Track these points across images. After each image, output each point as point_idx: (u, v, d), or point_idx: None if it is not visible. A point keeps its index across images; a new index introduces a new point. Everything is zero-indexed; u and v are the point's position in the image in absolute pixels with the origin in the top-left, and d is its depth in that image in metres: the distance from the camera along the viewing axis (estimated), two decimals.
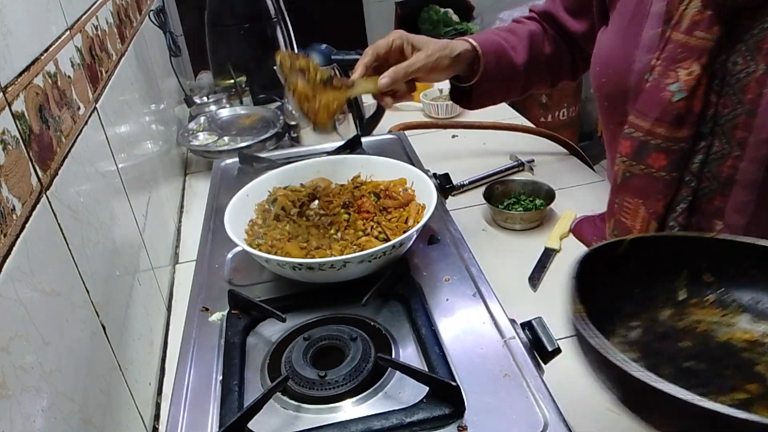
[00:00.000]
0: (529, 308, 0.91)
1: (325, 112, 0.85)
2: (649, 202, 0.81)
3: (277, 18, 1.78)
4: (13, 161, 0.54)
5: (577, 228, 1.08)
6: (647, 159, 0.79)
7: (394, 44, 0.92)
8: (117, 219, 0.84)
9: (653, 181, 0.79)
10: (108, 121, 0.88)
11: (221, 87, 1.73)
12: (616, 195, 0.86)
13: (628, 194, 0.84)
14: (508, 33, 1.02)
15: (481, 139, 1.47)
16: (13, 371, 0.47)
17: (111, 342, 0.71)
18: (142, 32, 1.34)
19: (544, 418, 0.54)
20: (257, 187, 0.87)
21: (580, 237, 1.07)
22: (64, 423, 0.55)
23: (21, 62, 0.61)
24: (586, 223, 1.08)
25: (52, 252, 0.60)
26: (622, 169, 0.84)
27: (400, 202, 0.83)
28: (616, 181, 0.85)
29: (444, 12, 3.15)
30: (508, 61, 1.00)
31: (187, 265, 1.11)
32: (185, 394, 0.61)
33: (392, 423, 0.55)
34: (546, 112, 3.00)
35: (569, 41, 1.04)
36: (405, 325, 0.69)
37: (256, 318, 0.71)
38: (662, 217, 0.81)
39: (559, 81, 1.08)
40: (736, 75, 0.72)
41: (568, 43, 1.04)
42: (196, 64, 2.21)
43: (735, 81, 0.72)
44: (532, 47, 1.02)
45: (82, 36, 0.84)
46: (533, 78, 1.05)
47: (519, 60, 1.00)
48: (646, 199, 0.81)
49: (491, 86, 1.01)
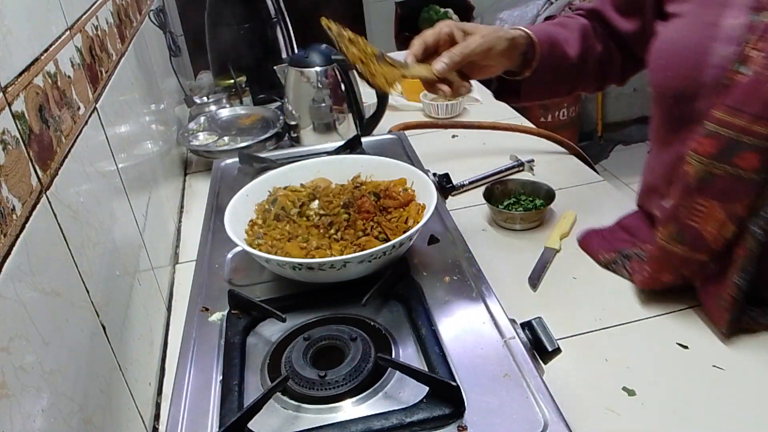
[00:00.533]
0: (529, 308, 0.91)
1: (383, 80, 0.84)
2: (730, 205, 0.75)
3: (277, 18, 1.78)
4: (13, 161, 0.54)
5: (584, 241, 1.05)
6: (735, 159, 0.72)
7: (443, 32, 0.87)
8: (117, 219, 0.84)
9: (739, 182, 0.73)
10: (108, 121, 0.88)
11: (221, 87, 1.73)
12: (686, 198, 0.79)
13: (702, 196, 0.77)
14: (559, 26, 0.98)
15: (481, 139, 1.47)
16: (13, 371, 0.47)
17: (111, 342, 0.71)
18: (142, 32, 1.34)
19: (544, 418, 0.54)
20: (257, 187, 0.87)
21: (587, 250, 1.04)
22: (64, 423, 0.55)
23: (21, 62, 0.61)
24: (593, 236, 1.04)
25: (52, 252, 0.60)
26: (699, 169, 0.76)
27: (400, 202, 0.83)
28: (689, 184, 0.78)
29: (444, 12, 3.15)
30: (562, 53, 0.95)
31: (187, 265, 1.11)
32: (185, 394, 0.61)
33: (392, 423, 0.55)
34: (546, 112, 3.00)
35: (618, 41, 0.98)
36: (405, 325, 0.69)
37: (256, 318, 0.71)
38: (742, 220, 0.76)
39: (606, 83, 1.04)
40: None
41: (617, 44, 0.99)
42: (196, 64, 2.21)
43: None
44: (584, 41, 0.97)
45: (82, 36, 0.84)
46: (582, 76, 1.00)
47: (572, 53, 0.96)
48: (725, 202, 0.75)
49: (543, 78, 0.96)
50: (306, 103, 1.39)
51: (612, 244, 1.00)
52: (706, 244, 0.79)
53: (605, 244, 1.01)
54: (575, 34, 0.96)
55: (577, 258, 1.03)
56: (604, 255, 0.99)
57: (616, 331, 0.87)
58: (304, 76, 1.37)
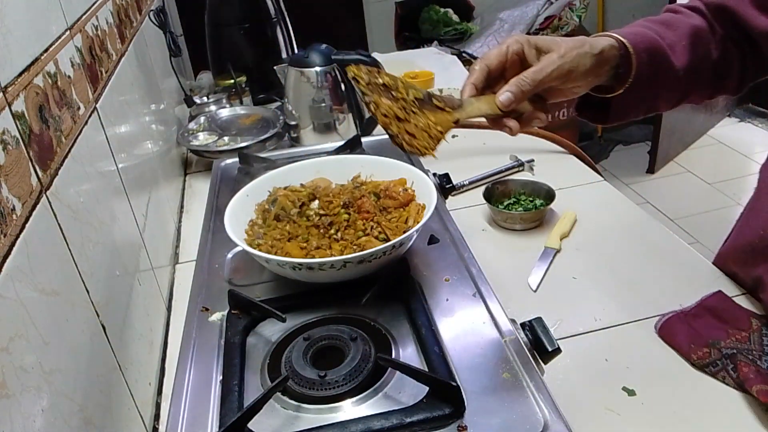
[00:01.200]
0: (529, 308, 0.91)
1: (424, 137, 0.66)
2: None
3: (277, 18, 1.78)
4: (13, 161, 0.54)
5: (666, 330, 0.84)
6: None
7: (510, 50, 0.70)
8: (117, 219, 0.84)
9: None
10: (108, 121, 0.88)
11: (221, 87, 1.73)
12: None
13: None
14: (662, 26, 0.78)
15: (481, 139, 1.47)
16: (13, 371, 0.47)
17: (111, 342, 0.71)
18: (142, 32, 1.34)
19: (544, 418, 0.54)
20: (257, 187, 0.87)
21: (671, 343, 0.83)
22: (64, 423, 0.55)
23: (21, 62, 0.61)
24: (677, 323, 0.84)
25: (52, 252, 0.60)
26: None
27: (400, 202, 0.83)
28: None
29: (444, 12, 3.15)
30: (666, 64, 0.76)
31: (187, 265, 1.11)
32: (185, 394, 0.61)
33: (392, 423, 0.55)
34: None
35: (745, 43, 0.80)
36: (405, 325, 0.69)
37: (256, 318, 0.71)
38: None
39: (720, 93, 0.84)
40: None
41: (740, 46, 0.80)
42: (196, 64, 2.22)
43: None
44: (695, 48, 0.78)
45: (82, 36, 0.84)
46: (692, 88, 0.80)
47: (679, 63, 0.77)
48: None
49: (641, 94, 0.77)
50: (306, 103, 1.39)
51: (701, 334, 0.81)
52: None
53: (694, 334, 0.81)
54: (684, 39, 0.77)
55: (577, 258, 1.03)
56: (697, 352, 0.79)
57: (616, 331, 0.87)
58: (304, 76, 1.37)
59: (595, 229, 1.10)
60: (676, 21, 0.80)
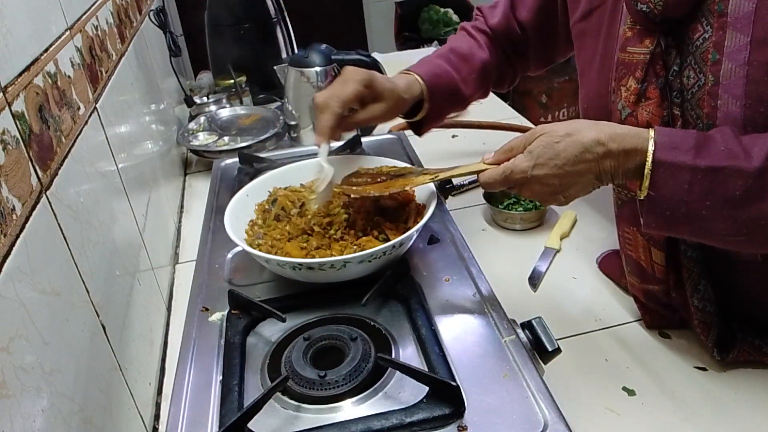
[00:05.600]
0: (529, 308, 0.91)
1: None
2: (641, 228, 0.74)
3: (277, 18, 1.78)
4: (13, 161, 0.54)
5: (603, 265, 0.99)
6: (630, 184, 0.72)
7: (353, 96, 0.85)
8: (117, 219, 0.84)
9: None
10: (108, 121, 0.88)
11: (221, 87, 1.73)
12: (618, 226, 0.83)
13: (624, 223, 0.80)
14: (461, 61, 1.00)
15: (481, 139, 1.47)
16: (13, 371, 0.47)
17: (111, 342, 0.71)
18: (142, 32, 1.34)
19: (544, 418, 0.54)
20: (257, 187, 0.87)
21: (608, 274, 0.98)
22: (64, 423, 0.55)
23: (21, 62, 0.61)
24: (614, 258, 0.97)
25: (52, 252, 0.60)
26: (614, 197, 0.81)
27: (400, 202, 0.83)
28: (616, 212, 0.82)
29: (444, 12, 3.16)
30: (458, 94, 1.00)
31: (187, 265, 1.11)
32: (185, 394, 0.61)
33: (392, 423, 0.55)
34: (546, 112, 3.00)
35: (516, 57, 1.04)
36: (405, 325, 0.69)
37: (256, 318, 0.71)
38: (665, 245, 0.75)
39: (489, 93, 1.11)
40: (690, 89, 0.69)
41: (512, 61, 1.05)
42: (196, 64, 2.22)
43: (690, 95, 0.69)
44: (482, 79, 1.01)
45: (82, 36, 0.84)
46: (473, 100, 1.05)
47: (468, 92, 1.00)
48: (639, 226, 0.72)
49: (437, 115, 1.01)
50: (306, 103, 1.39)
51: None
52: (648, 273, 0.79)
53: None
54: (474, 74, 1.00)
55: (577, 258, 1.03)
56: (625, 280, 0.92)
57: (616, 331, 0.87)
58: (304, 76, 1.37)
59: (595, 229, 1.10)
60: (471, 56, 1.01)
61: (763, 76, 0.63)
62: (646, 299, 0.84)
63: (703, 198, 0.62)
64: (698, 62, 0.68)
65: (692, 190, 0.62)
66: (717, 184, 0.62)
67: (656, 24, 0.69)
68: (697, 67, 0.68)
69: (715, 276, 0.76)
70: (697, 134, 0.64)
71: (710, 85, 0.66)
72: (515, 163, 0.69)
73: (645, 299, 0.84)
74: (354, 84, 0.84)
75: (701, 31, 0.67)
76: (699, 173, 0.62)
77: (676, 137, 0.64)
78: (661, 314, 0.84)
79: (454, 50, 1.01)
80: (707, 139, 0.63)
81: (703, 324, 0.76)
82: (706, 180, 0.62)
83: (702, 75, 0.67)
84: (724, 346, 0.77)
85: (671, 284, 0.78)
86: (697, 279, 0.75)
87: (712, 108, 0.66)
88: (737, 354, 0.76)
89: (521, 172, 0.68)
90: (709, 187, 0.62)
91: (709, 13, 0.66)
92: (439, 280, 0.74)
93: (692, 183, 0.62)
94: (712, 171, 0.61)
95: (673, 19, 0.69)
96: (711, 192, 0.62)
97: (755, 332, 0.77)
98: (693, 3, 0.67)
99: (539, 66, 1.07)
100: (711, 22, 0.66)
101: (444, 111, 1.02)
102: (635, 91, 0.71)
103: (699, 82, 0.68)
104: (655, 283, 0.79)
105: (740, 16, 0.64)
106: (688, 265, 0.75)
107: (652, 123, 0.70)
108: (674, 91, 0.70)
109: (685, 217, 0.64)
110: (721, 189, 0.62)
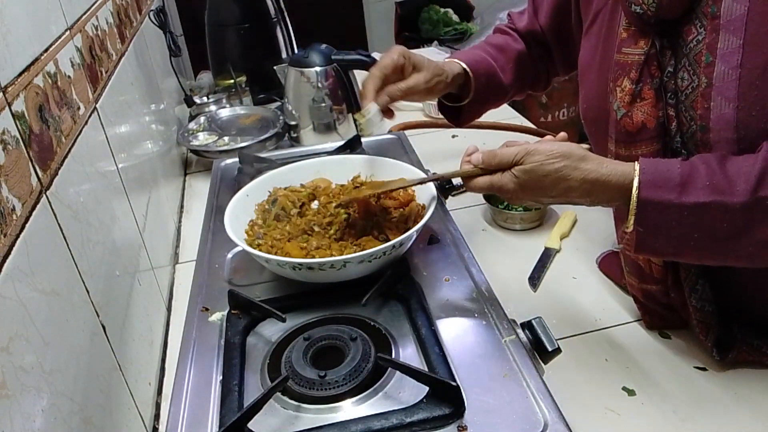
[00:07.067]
0: (529, 308, 0.91)
1: None
2: None
3: (277, 18, 1.78)
4: (13, 161, 0.54)
5: (603, 265, 1.00)
6: (616, 214, 0.74)
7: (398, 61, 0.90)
8: (117, 219, 0.84)
9: None
10: (108, 121, 0.88)
11: (221, 87, 1.73)
12: (617, 226, 0.82)
13: (621, 221, 0.78)
14: (497, 51, 1.03)
15: (481, 139, 1.46)
16: (13, 371, 0.47)
17: (111, 342, 0.71)
18: (142, 32, 1.34)
19: (544, 418, 0.54)
20: (257, 187, 0.87)
21: (608, 274, 0.98)
22: (64, 423, 0.55)
23: (21, 62, 0.61)
24: (614, 258, 0.98)
25: (52, 252, 0.60)
26: None
27: (400, 202, 0.83)
28: (614, 211, 0.82)
29: (444, 12, 3.16)
30: (498, 82, 1.01)
31: (187, 265, 1.11)
32: (185, 394, 0.61)
33: (392, 423, 0.55)
34: (546, 112, 3.00)
35: (546, 56, 1.06)
36: (405, 325, 0.69)
37: (256, 318, 0.71)
38: None
39: (531, 92, 1.12)
40: (684, 90, 0.69)
41: (544, 60, 1.06)
42: (196, 64, 2.22)
43: (684, 97, 0.69)
44: (519, 68, 1.03)
45: (82, 36, 0.84)
46: (513, 94, 1.07)
47: (507, 80, 1.02)
48: None
49: (479, 105, 1.03)
50: (306, 103, 1.39)
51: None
52: (647, 273, 0.79)
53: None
54: (511, 63, 1.02)
55: (577, 258, 1.03)
56: (625, 281, 0.93)
57: (616, 331, 0.87)
58: (304, 76, 1.37)
59: (595, 229, 1.10)
60: (507, 46, 1.04)
61: (756, 78, 0.63)
62: (645, 299, 0.84)
63: (691, 232, 0.64)
64: (692, 64, 0.68)
65: (680, 225, 0.64)
66: (704, 221, 0.63)
67: (650, 25, 0.70)
68: (691, 69, 0.68)
69: (714, 276, 0.76)
70: (682, 166, 0.65)
71: (704, 87, 0.67)
72: (502, 181, 0.71)
73: (644, 299, 0.84)
74: (391, 54, 0.91)
75: (695, 33, 0.67)
76: (685, 210, 0.63)
77: (661, 173, 0.65)
78: (660, 314, 0.84)
79: (489, 43, 1.05)
80: (692, 171, 0.64)
81: (702, 324, 0.77)
82: (692, 216, 0.63)
83: (696, 77, 0.68)
84: (723, 347, 0.77)
85: (669, 284, 0.78)
86: (694, 279, 0.75)
87: (705, 110, 0.67)
88: (737, 354, 0.76)
89: (506, 191, 0.71)
90: (697, 223, 0.63)
91: (702, 15, 0.66)
92: (439, 280, 0.74)
93: (679, 220, 0.64)
94: (698, 207, 0.63)
95: (667, 20, 0.69)
96: (698, 228, 0.64)
97: (754, 333, 0.77)
98: (686, 5, 0.67)
99: (565, 69, 1.07)
100: (704, 24, 0.66)
101: (486, 97, 1.01)
102: (630, 92, 0.71)
103: (693, 84, 0.68)
104: (653, 283, 0.80)
105: (732, 18, 0.64)
106: (685, 265, 0.75)
107: (647, 123, 0.71)
108: (669, 92, 0.70)
109: (674, 248, 0.66)
110: (707, 225, 0.63)
